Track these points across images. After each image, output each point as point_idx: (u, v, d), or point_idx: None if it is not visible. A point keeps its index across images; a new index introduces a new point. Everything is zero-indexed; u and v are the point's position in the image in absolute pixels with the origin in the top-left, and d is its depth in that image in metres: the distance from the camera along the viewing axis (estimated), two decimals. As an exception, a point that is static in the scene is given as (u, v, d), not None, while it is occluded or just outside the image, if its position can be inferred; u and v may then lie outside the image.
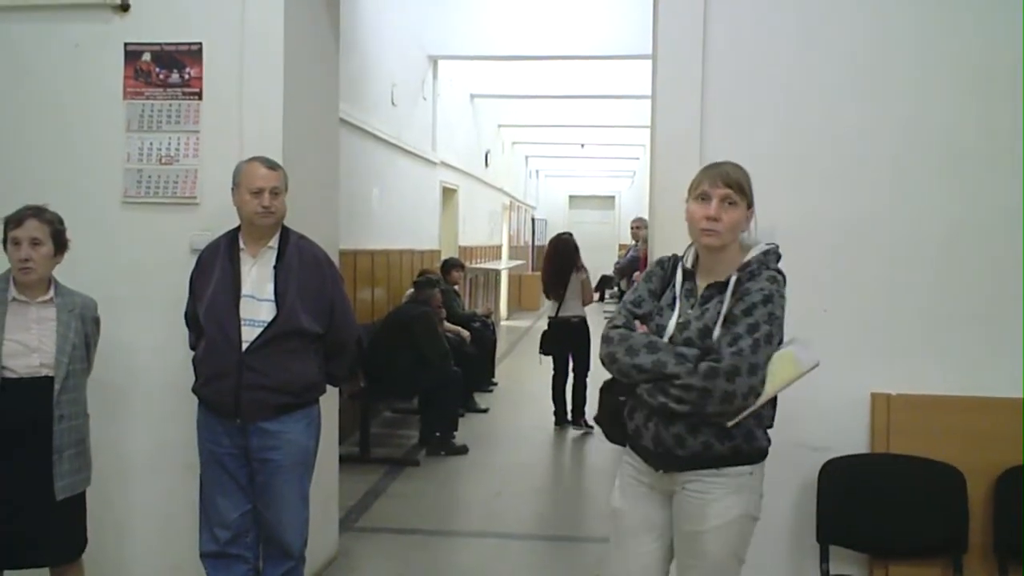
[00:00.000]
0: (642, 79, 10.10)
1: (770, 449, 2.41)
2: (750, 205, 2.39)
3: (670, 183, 3.29)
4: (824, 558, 3.16)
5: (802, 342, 2.32)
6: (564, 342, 7.28)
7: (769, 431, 2.41)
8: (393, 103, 8.02)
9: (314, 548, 3.36)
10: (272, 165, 3.14)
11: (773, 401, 2.36)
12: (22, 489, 2.91)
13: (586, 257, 7.69)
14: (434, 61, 9.63)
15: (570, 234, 7.60)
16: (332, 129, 4.32)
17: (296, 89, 3.66)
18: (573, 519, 5.25)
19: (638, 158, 19.20)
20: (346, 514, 4.85)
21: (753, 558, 2.48)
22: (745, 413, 2.27)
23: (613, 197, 24.98)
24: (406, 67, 8.60)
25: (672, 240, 2.84)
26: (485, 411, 8.07)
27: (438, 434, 6.65)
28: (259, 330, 3.07)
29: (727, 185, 2.33)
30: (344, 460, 4.66)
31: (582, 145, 17.59)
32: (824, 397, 3.11)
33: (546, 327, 7.46)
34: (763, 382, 2.25)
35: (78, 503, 3.05)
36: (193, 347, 3.26)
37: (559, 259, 7.38)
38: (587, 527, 5.06)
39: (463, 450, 6.60)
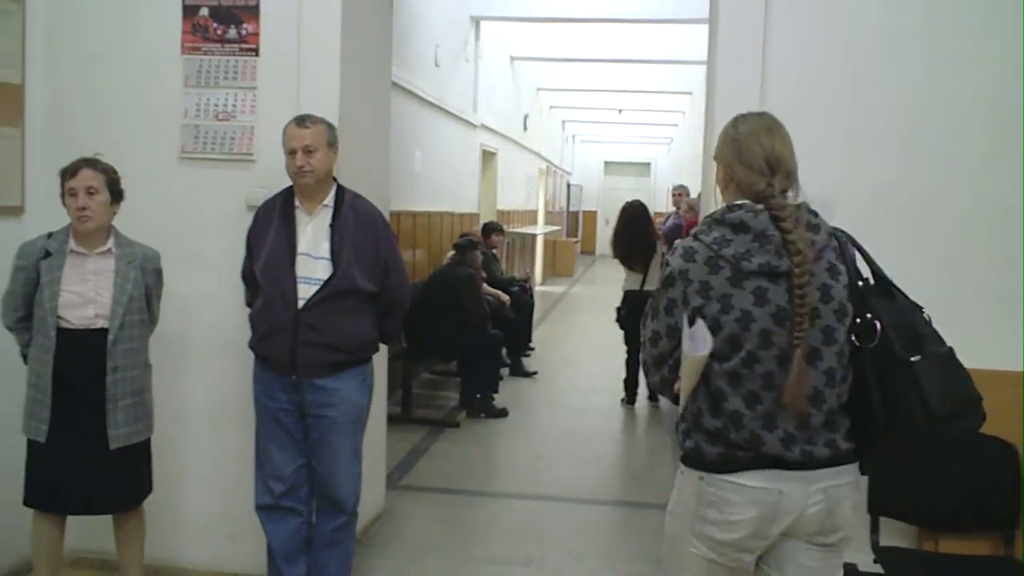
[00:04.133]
0: (682, 44, 9.99)
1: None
2: None
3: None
4: (874, 529, 3.15)
5: (696, 328, 2.00)
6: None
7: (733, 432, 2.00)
8: (436, 64, 7.99)
9: (362, 504, 3.40)
10: (305, 122, 3.10)
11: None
12: (81, 438, 2.97)
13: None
14: (476, 22, 9.57)
15: (641, 201, 7.32)
16: (384, 90, 4.31)
17: (352, 48, 3.65)
18: (613, 483, 5.29)
19: (676, 125, 19.01)
20: (391, 472, 4.90)
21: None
22: (680, 409, 2.10)
23: (649, 164, 24.82)
24: (449, 28, 8.56)
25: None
26: (534, 374, 8.12)
27: (478, 396, 6.69)
28: (315, 288, 3.08)
29: None
30: (388, 420, 4.71)
31: (619, 111, 17.45)
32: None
33: (622, 300, 6.85)
34: (664, 380, 2.13)
35: (138, 452, 3.11)
36: (249, 304, 3.28)
37: (635, 226, 6.86)
38: (627, 491, 5.10)
39: (503, 413, 6.64)
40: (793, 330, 1.92)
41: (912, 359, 1.95)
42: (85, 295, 2.97)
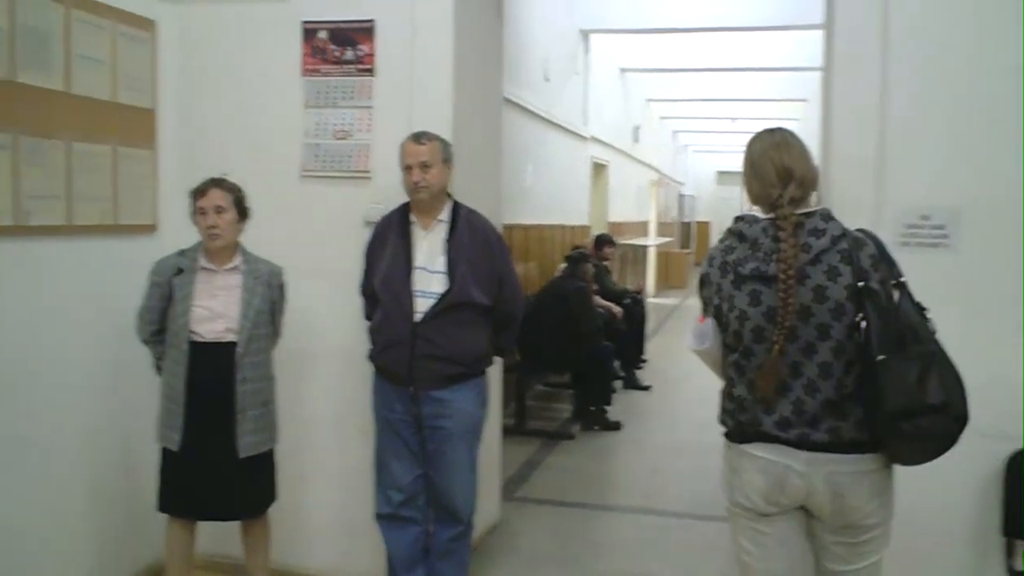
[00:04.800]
0: (796, 50, 9.73)
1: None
2: None
3: (849, 158, 3.20)
4: (1010, 553, 3.00)
5: (705, 323, 2.33)
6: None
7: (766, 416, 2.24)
8: (546, 78, 8.02)
9: (478, 515, 3.42)
10: (421, 139, 3.17)
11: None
12: (211, 447, 3.08)
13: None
14: (586, 35, 9.57)
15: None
16: (496, 105, 4.36)
17: (464, 66, 3.71)
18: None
19: (791, 132, 18.54)
20: (505, 484, 4.93)
21: (934, 548, 2.38)
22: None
23: (763, 173, 24.26)
24: (559, 41, 8.59)
25: (851, 215, 2.72)
26: (648, 388, 8.05)
27: (592, 409, 6.66)
28: (431, 301, 3.13)
29: None
30: (502, 431, 4.73)
31: (732, 119, 17.15)
32: (1014, 383, 2.94)
33: None
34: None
35: (265, 461, 3.21)
36: (368, 317, 3.36)
37: None
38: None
39: (616, 426, 6.59)
40: (779, 327, 2.17)
41: (879, 357, 2.10)
42: (215, 310, 3.09)
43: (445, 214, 3.22)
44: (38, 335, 3.18)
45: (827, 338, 2.17)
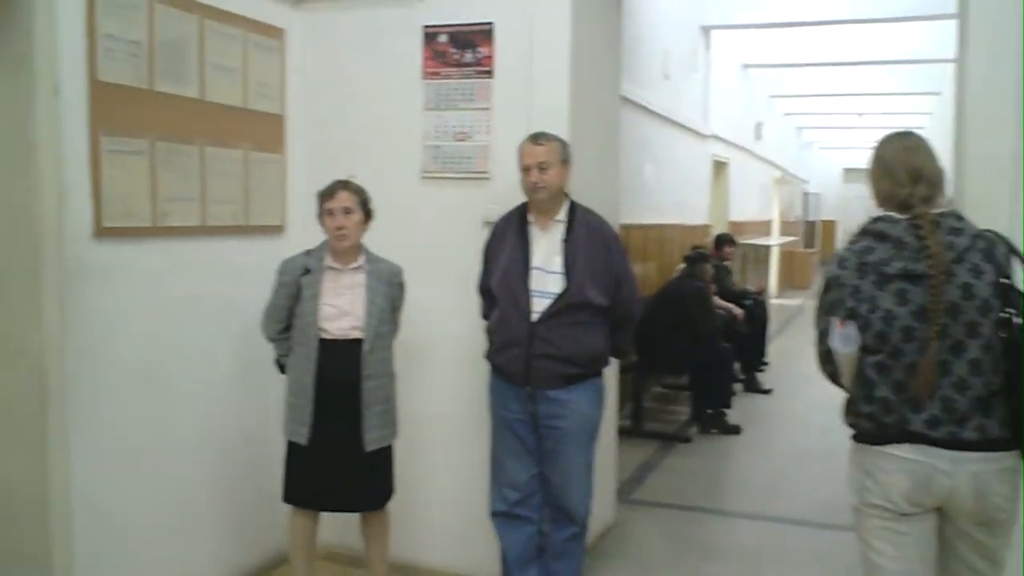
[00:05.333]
0: (928, 42, 9.27)
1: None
2: None
3: (984, 154, 3.05)
4: None
5: (846, 326, 2.30)
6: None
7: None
8: (666, 76, 7.93)
9: (593, 516, 3.42)
10: (539, 140, 3.18)
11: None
12: (337, 441, 3.17)
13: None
14: (707, 31, 9.41)
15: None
16: (613, 105, 4.34)
17: (581, 66, 3.70)
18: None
19: (922, 127, 17.77)
20: (621, 485, 4.90)
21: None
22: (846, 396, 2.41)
23: (893, 169, 23.34)
24: (679, 38, 8.47)
25: (987, 213, 2.60)
26: (769, 391, 7.87)
27: (710, 412, 6.56)
28: (548, 301, 3.14)
29: None
30: (619, 433, 4.71)
31: (859, 114, 16.56)
32: None
33: None
34: (832, 373, 2.42)
35: (386, 456, 3.29)
36: (486, 316, 3.39)
37: None
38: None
39: (736, 430, 6.47)
40: (932, 325, 2.17)
41: None
42: (342, 308, 3.18)
43: (562, 214, 3.23)
44: (172, 331, 3.35)
45: (977, 335, 2.19)
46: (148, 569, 3.29)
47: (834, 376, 2.42)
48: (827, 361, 2.41)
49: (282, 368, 3.31)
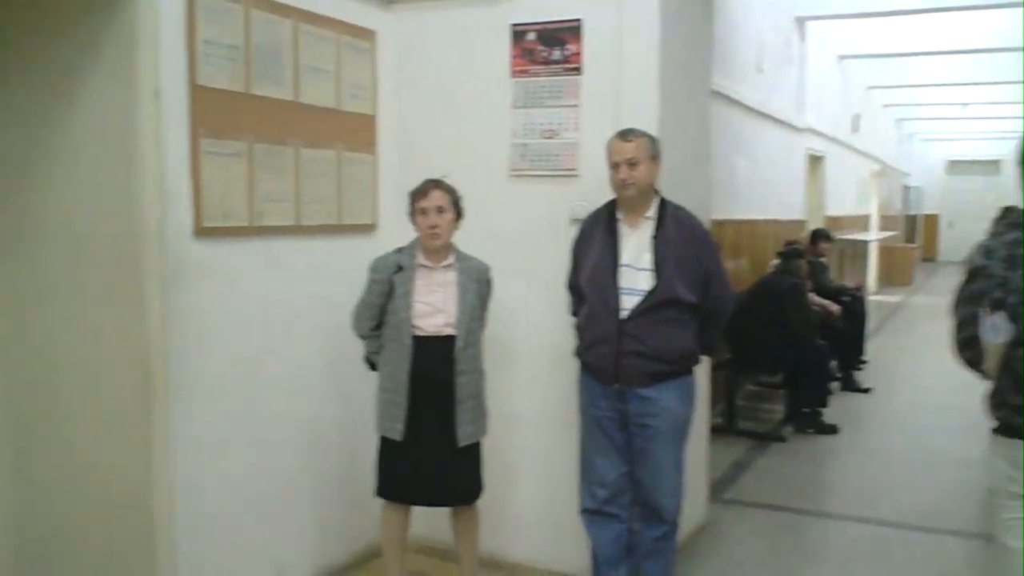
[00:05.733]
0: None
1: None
2: None
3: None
4: None
5: (995, 316, 2.27)
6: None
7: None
8: (759, 68, 7.77)
9: (684, 515, 3.38)
10: (628, 136, 3.16)
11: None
12: (430, 436, 3.21)
13: (966, 228, 6.93)
14: (802, 22, 9.19)
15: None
16: (703, 100, 4.28)
17: (671, 61, 3.66)
18: (962, 512, 4.78)
19: (1033, 116, 17.01)
20: (713, 485, 4.83)
21: None
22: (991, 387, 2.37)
23: (998, 162, 22.37)
24: (773, 31, 8.30)
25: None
26: (868, 391, 7.66)
27: (806, 411, 6.41)
28: (637, 299, 3.12)
29: None
30: (711, 431, 4.64)
31: (963, 105, 15.94)
32: None
33: None
34: (970, 360, 2.37)
35: (476, 451, 3.32)
36: (574, 313, 3.39)
37: None
38: (980, 522, 4.61)
39: (832, 429, 6.31)
40: None
41: None
42: (435, 305, 3.22)
43: (652, 211, 3.20)
44: (267, 328, 3.44)
45: None
46: (247, 559, 3.39)
47: (973, 363, 2.38)
48: (966, 348, 2.37)
49: (372, 365, 3.37)
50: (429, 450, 3.21)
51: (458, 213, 3.27)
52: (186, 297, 3.07)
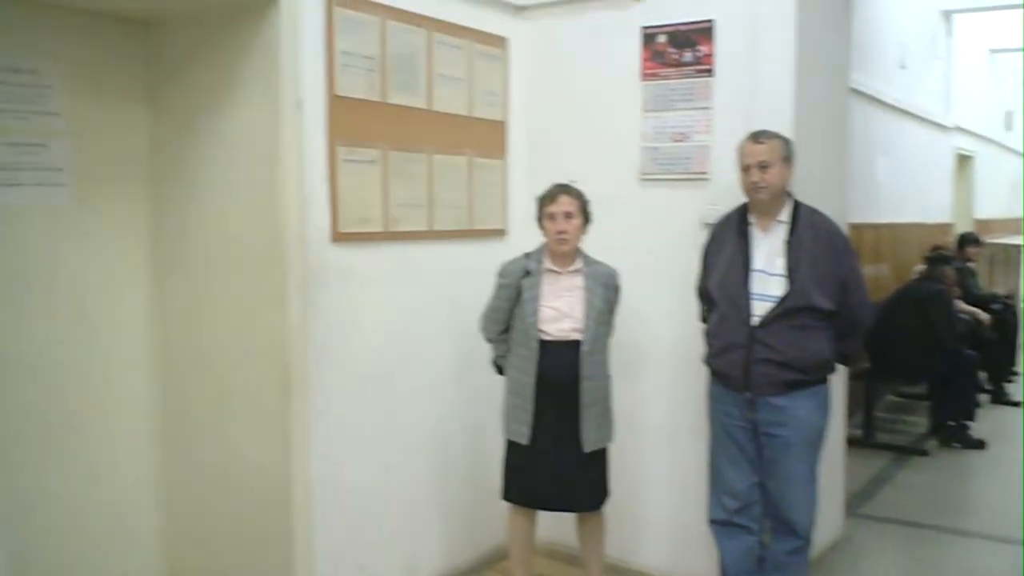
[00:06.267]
0: None
1: None
2: None
3: None
4: None
5: None
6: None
7: None
8: (902, 65, 7.46)
9: (818, 530, 3.28)
10: (760, 138, 3.09)
11: None
12: (556, 441, 3.22)
13: None
14: (948, 16, 8.77)
15: None
16: (841, 99, 4.14)
17: (806, 61, 3.55)
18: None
19: None
20: (850, 499, 4.66)
21: None
22: None
23: None
24: (917, 26, 7.95)
25: None
26: (1017, 404, 7.25)
27: (951, 424, 6.11)
28: (770, 305, 3.05)
29: None
30: (848, 443, 4.48)
31: None
32: None
33: None
34: None
35: (602, 457, 3.31)
36: (704, 319, 3.34)
37: None
38: None
39: (980, 444, 5.99)
40: None
41: None
42: (562, 310, 3.23)
43: (785, 214, 3.12)
44: (400, 330, 3.52)
45: None
46: (380, 555, 3.49)
47: None
48: None
49: (499, 369, 3.41)
50: (555, 455, 3.22)
51: (586, 218, 3.27)
52: (324, 299, 3.18)
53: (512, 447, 3.31)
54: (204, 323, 3.28)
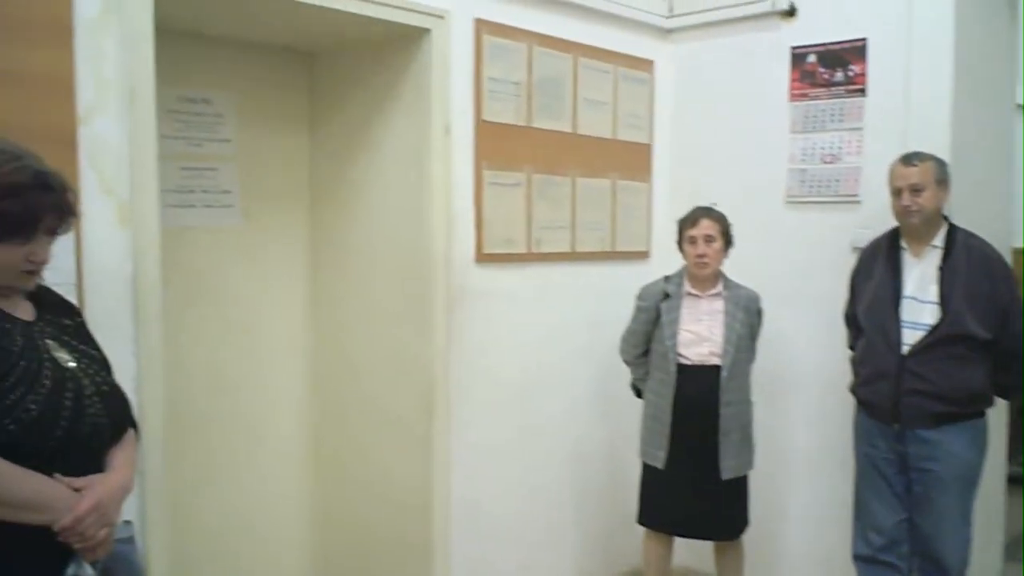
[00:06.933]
0: None
1: None
2: None
3: None
4: None
5: None
6: None
7: None
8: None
9: (972, 573, 3.11)
10: (912, 160, 2.98)
11: None
12: (693, 467, 3.20)
13: None
14: None
15: None
16: (1006, 117, 3.93)
17: (966, 77, 3.40)
18: None
19: None
20: (1009, 543, 4.38)
21: None
22: None
23: None
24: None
25: None
26: None
27: None
28: (921, 333, 2.93)
29: None
30: (1008, 482, 4.21)
31: None
32: None
33: None
34: None
35: (741, 485, 3.26)
36: (852, 346, 3.24)
37: None
38: None
39: None
40: None
41: None
42: (700, 334, 3.21)
43: (939, 239, 3.00)
44: (541, 350, 3.59)
45: None
46: (514, 571, 3.54)
47: None
48: None
49: (638, 392, 3.41)
50: (691, 481, 3.20)
51: (727, 242, 3.24)
52: (467, 318, 3.28)
53: (648, 471, 3.31)
54: (355, 338, 3.44)
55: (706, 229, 3.20)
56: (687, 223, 3.27)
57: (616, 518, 3.83)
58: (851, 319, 3.23)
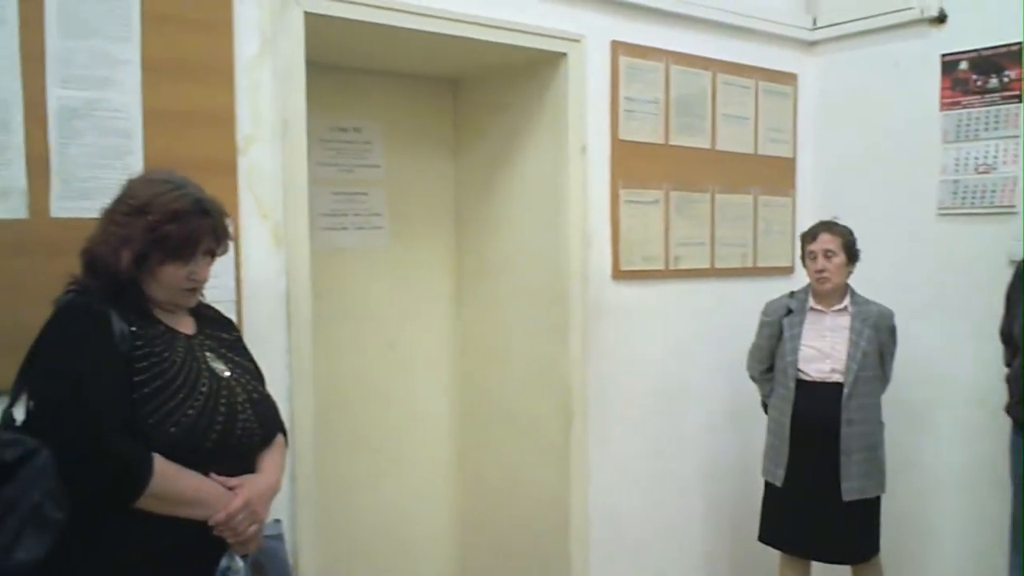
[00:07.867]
0: None
1: None
2: None
3: None
4: None
5: None
6: None
7: None
8: None
9: None
10: None
11: None
12: (814, 486, 3.12)
13: None
14: None
15: None
16: None
17: None
18: None
19: None
20: None
21: None
22: None
23: None
24: None
25: None
26: None
27: None
28: (1084, 352, 2.78)
29: None
30: None
31: None
32: None
33: None
34: None
35: (869, 508, 3.15)
36: (1008, 364, 3.10)
37: None
38: None
39: None
40: None
41: None
42: (822, 350, 3.15)
43: (1103, 252, 2.84)
44: (677, 365, 3.60)
45: None
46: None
47: None
48: None
49: (766, 408, 3.37)
50: (810, 500, 3.13)
51: (851, 256, 3.17)
52: (604, 334, 3.35)
53: (768, 488, 3.27)
54: (495, 354, 3.57)
55: (826, 243, 3.15)
56: (807, 237, 3.23)
57: (749, 539, 3.74)
58: (1006, 335, 3.09)
